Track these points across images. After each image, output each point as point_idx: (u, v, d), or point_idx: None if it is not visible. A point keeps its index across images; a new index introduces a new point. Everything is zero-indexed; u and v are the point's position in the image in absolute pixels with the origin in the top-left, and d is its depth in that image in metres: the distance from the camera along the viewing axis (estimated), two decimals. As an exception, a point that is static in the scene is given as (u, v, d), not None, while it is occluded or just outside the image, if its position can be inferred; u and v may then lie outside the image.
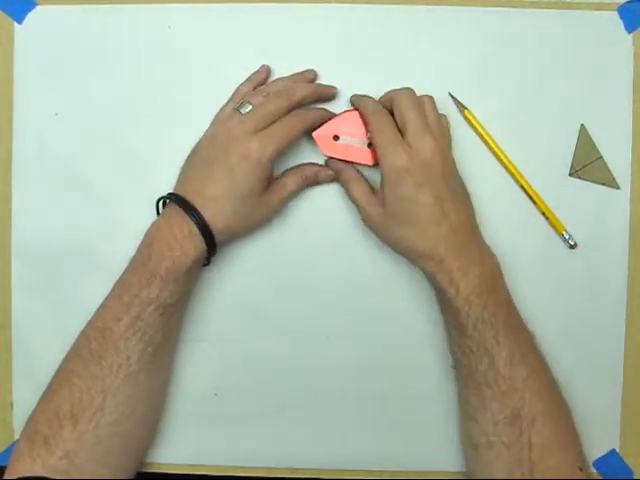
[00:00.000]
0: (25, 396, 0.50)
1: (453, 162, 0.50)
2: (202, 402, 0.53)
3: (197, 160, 0.49)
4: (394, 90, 0.50)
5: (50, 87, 0.53)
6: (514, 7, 0.52)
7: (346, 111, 0.51)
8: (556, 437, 0.45)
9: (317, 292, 0.53)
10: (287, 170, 0.52)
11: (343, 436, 0.53)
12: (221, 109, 0.51)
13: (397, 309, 0.53)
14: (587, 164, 0.52)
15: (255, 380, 0.53)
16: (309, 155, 0.52)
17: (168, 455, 0.53)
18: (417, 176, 0.46)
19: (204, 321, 0.53)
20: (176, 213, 0.47)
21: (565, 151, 0.52)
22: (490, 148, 0.52)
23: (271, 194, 0.49)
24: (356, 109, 0.51)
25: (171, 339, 0.50)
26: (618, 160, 0.52)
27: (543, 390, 0.46)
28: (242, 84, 0.52)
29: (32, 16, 0.53)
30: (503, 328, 0.45)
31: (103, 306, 0.48)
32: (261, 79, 0.52)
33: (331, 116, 0.51)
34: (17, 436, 0.53)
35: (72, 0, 0.53)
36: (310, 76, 0.52)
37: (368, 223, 0.50)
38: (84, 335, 0.47)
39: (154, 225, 0.48)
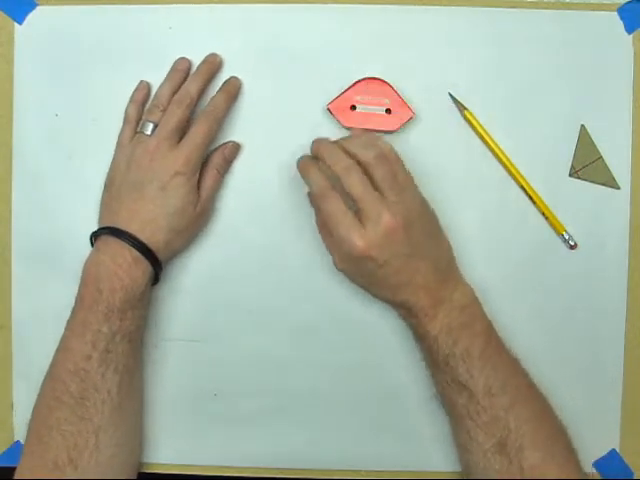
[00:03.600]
0: (25, 396, 0.50)
1: (420, 205, 0.47)
2: (202, 403, 0.53)
3: (120, 189, 0.49)
4: (333, 158, 0.45)
5: (50, 87, 0.53)
6: (514, 7, 0.52)
7: (360, 80, 0.51)
8: (549, 459, 0.44)
9: (316, 293, 0.53)
10: (201, 171, 0.50)
11: (343, 436, 0.53)
12: (120, 135, 0.51)
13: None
14: (587, 164, 0.52)
15: (255, 381, 0.53)
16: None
17: (167, 455, 0.53)
18: (378, 257, 0.44)
19: (203, 322, 0.53)
20: (113, 244, 0.47)
21: (565, 151, 0.52)
22: (490, 148, 0.52)
23: (200, 202, 0.49)
24: (371, 78, 0.51)
25: (139, 359, 0.51)
26: (618, 160, 0.52)
27: (530, 416, 0.45)
28: (128, 107, 0.51)
29: (32, 16, 0.53)
30: (478, 360, 0.45)
31: (66, 349, 0.47)
32: (144, 95, 0.52)
33: (232, 98, 0.51)
34: (17, 437, 0.53)
35: (72, 0, 0.53)
36: (184, 65, 0.52)
37: (337, 265, 0.48)
38: (59, 380, 0.46)
39: (92, 261, 0.47)
